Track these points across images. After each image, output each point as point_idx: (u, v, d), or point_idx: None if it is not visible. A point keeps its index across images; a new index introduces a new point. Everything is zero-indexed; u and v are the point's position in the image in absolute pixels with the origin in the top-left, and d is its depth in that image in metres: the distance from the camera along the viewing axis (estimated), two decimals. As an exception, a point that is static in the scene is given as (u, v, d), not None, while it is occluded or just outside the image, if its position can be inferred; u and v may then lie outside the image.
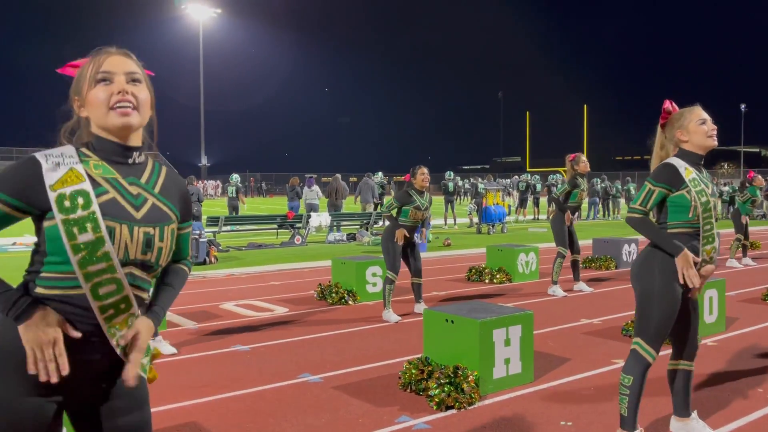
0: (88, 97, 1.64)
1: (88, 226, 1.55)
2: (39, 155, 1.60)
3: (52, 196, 1.56)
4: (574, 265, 8.18)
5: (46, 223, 1.57)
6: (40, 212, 1.59)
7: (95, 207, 1.57)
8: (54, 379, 1.53)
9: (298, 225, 14.57)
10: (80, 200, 1.57)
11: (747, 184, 11.11)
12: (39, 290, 1.59)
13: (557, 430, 3.60)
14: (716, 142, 3.16)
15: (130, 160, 1.70)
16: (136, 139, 1.71)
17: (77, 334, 1.57)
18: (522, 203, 23.46)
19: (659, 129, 3.27)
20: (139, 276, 1.66)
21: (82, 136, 1.71)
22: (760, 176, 11.43)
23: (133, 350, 1.64)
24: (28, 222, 1.67)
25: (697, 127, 3.11)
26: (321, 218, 15.09)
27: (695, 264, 3.07)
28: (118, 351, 1.64)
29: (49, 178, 1.57)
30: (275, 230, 15.43)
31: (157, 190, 1.73)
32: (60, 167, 1.59)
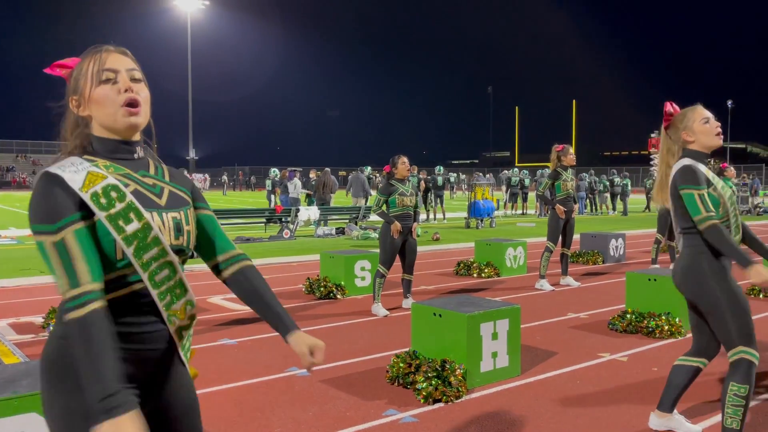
0: (93, 96, 1.61)
1: (132, 215, 1.55)
2: (51, 169, 1.55)
3: (85, 197, 1.52)
4: (563, 259, 8.22)
5: None
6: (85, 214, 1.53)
7: (130, 197, 1.57)
8: None
9: (287, 219, 14.53)
10: (113, 194, 1.55)
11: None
12: None
13: (544, 424, 3.63)
14: (722, 140, 3.14)
15: (135, 156, 1.68)
16: (136, 136, 1.70)
17: None
18: (512, 198, 23.55)
19: (663, 132, 3.24)
20: (179, 262, 1.66)
21: (78, 137, 1.67)
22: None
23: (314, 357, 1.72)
24: (14, 215, 1.65)
25: (701, 126, 3.10)
26: (310, 212, 15.06)
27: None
28: (177, 340, 1.62)
29: (75, 182, 1.53)
30: (263, 224, 15.38)
31: (167, 178, 1.73)
32: (78, 173, 1.56)
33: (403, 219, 6.55)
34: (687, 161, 3.09)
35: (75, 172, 1.56)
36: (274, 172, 20.61)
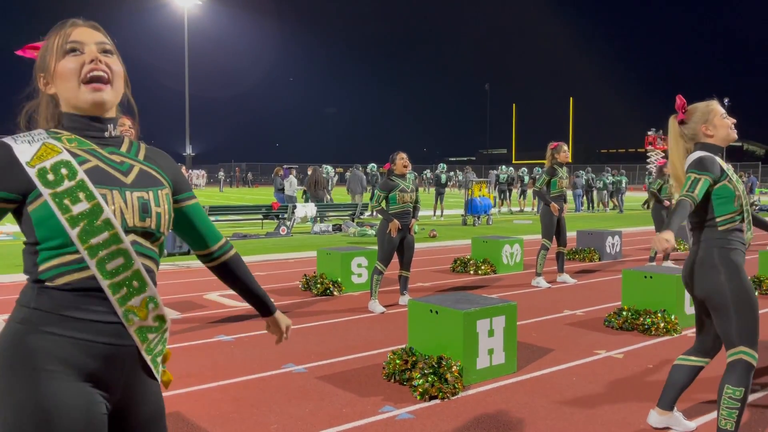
0: (56, 70, 1.51)
1: (81, 195, 1.43)
2: (5, 139, 1.48)
3: (31, 172, 1.42)
4: (560, 256, 8.23)
5: (31, 207, 1.44)
6: (21, 197, 1.44)
7: (82, 175, 1.45)
8: None
9: (284, 216, 14.53)
10: (64, 171, 1.44)
11: None
12: (47, 284, 1.45)
13: (540, 420, 3.64)
14: (736, 135, 3.16)
15: (106, 134, 1.57)
16: (110, 113, 1.59)
17: None
18: (501, 195, 23.61)
19: (674, 124, 3.20)
20: (144, 245, 1.52)
21: (48, 118, 1.58)
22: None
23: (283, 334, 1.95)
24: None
25: (722, 120, 3.09)
26: (306, 209, 15.05)
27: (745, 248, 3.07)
28: (139, 341, 1.50)
29: (24, 155, 1.44)
30: (260, 221, 15.37)
31: (140, 157, 1.61)
32: (32, 144, 1.47)
33: (402, 216, 6.54)
34: (701, 153, 3.05)
35: (29, 143, 1.48)
36: (327, 168, 20.37)
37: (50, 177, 1.44)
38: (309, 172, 19.01)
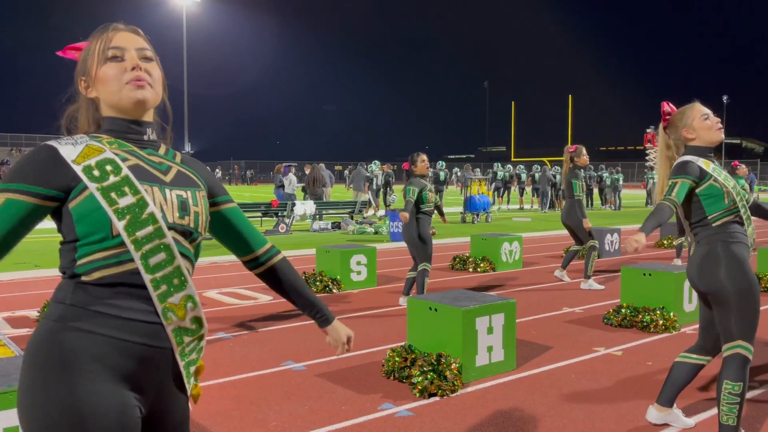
0: (98, 75, 1.54)
1: (126, 189, 1.46)
2: (51, 142, 1.51)
3: (77, 168, 1.46)
4: (573, 254, 8.12)
5: (72, 203, 1.45)
6: (64, 194, 1.45)
7: (126, 171, 1.49)
8: None
9: (283, 213, 14.52)
10: (108, 167, 1.48)
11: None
12: (83, 278, 1.44)
13: (539, 417, 3.64)
14: (723, 135, 3.14)
15: (145, 137, 1.60)
16: (148, 116, 1.61)
17: None
18: (497, 192, 23.65)
19: (661, 131, 3.23)
20: (183, 243, 1.54)
21: (89, 122, 1.61)
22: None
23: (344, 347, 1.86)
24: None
25: (701, 123, 3.10)
26: (306, 207, 15.05)
27: (750, 247, 3.05)
28: (175, 343, 1.50)
29: (69, 154, 1.47)
30: (259, 218, 15.37)
31: (178, 160, 1.66)
32: (76, 146, 1.51)
33: (429, 214, 6.54)
34: (685, 158, 3.09)
35: (73, 145, 1.51)
36: (373, 166, 20.17)
37: (96, 173, 1.47)
38: (307, 171, 19.05)
